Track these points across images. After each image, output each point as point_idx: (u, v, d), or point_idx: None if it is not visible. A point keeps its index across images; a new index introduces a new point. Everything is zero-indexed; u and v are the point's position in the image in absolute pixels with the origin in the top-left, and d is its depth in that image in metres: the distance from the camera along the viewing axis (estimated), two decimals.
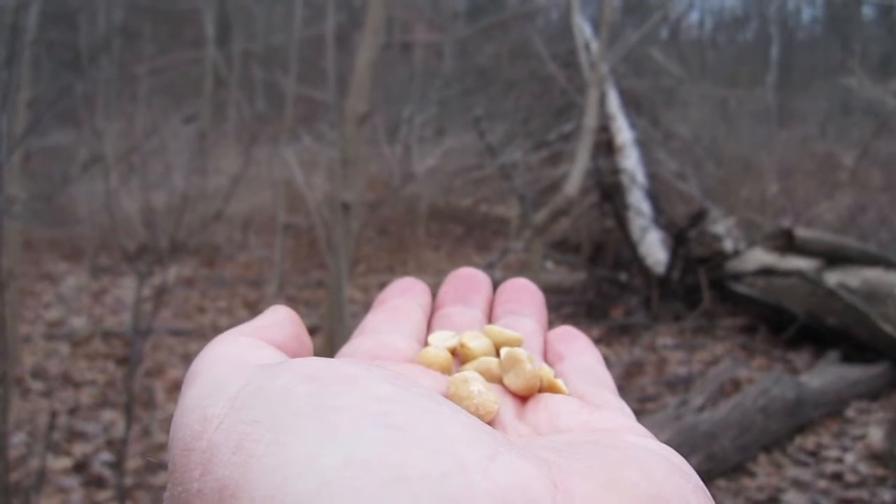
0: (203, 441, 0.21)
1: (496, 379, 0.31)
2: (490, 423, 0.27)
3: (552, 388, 0.30)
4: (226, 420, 0.21)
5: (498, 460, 0.19)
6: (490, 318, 0.38)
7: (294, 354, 0.28)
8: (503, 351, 0.31)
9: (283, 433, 0.19)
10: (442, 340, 0.34)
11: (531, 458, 0.20)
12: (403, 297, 0.37)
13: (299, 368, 0.22)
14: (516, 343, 0.34)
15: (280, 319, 0.30)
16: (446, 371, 0.31)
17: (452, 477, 0.18)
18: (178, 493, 0.20)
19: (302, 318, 0.30)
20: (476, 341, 0.33)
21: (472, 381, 0.28)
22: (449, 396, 0.27)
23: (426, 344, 0.35)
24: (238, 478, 0.19)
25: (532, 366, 0.30)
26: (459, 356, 0.33)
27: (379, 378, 0.22)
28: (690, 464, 0.24)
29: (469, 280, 0.39)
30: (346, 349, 0.33)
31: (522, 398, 0.30)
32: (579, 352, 0.35)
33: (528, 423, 0.28)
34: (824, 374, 2.86)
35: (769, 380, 2.59)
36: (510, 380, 0.30)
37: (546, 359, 0.35)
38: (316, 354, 0.34)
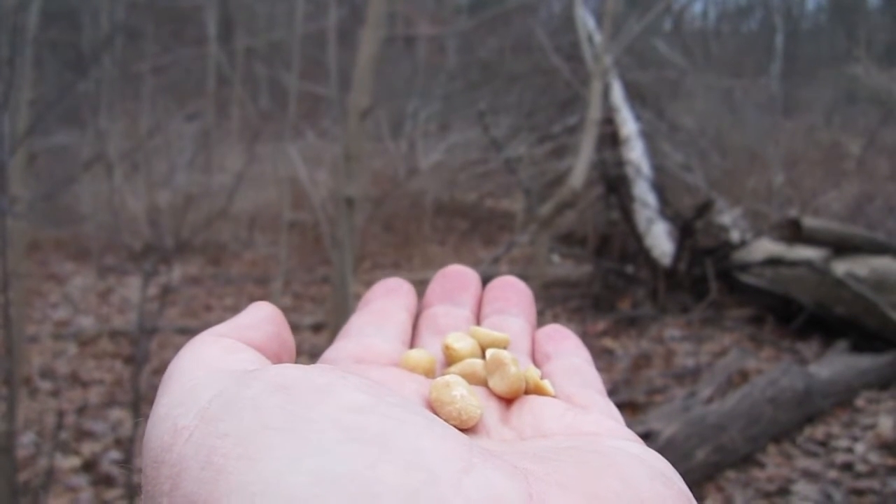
0: (173, 454, 0.20)
1: (481, 381, 0.30)
2: (473, 428, 0.26)
3: (538, 390, 0.30)
4: (196, 432, 0.20)
5: (472, 473, 0.19)
6: (478, 317, 0.38)
7: (275, 355, 0.28)
8: (488, 353, 0.31)
9: (253, 447, 0.19)
10: (456, 341, 0.33)
11: (506, 469, 0.20)
12: (388, 299, 0.36)
13: (272, 377, 0.22)
14: (503, 344, 0.33)
15: (260, 318, 0.29)
16: (430, 374, 0.31)
17: (424, 492, 0.18)
18: None
19: (308, 314, 0.30)
20: (461, 342, 0.32)
21: (454, 385, 0.27)
22: (431, 401, 0.27)
23: (411, 346, 0.34)
24: (206, 495, 0.18)
25: (516, 368, 0.29)
26: (445, 357, 0.33)
27: (353, 387, 0.21)
28: (699, 455, 0.23)
29: (457, 278, 0.39)
30: (330, 353, 0.32)
31: (507, 401, 0.29)
32: (568, 352, 0.34)
33: (513, 427, 0.28)
34: (833, 364, 2.85)
35: (778, 370, 2.58)
36: (495, 382, 0.30)
37: (534, 359, 0.35)
38: (322, 350, 0.34)
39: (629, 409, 2.69)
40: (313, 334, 3.57)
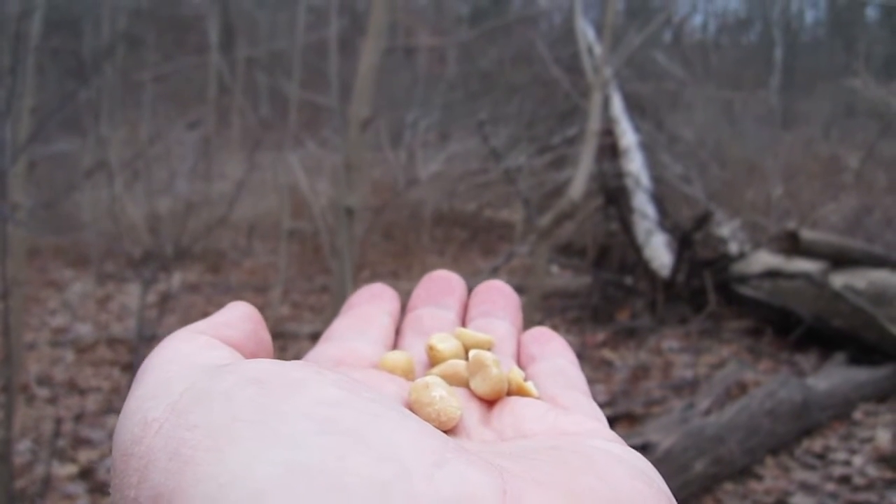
0: (142, 446, 0.20)
1: (464, 383, 0.30)
2: (453, 429, 0.26)
3: (521, 392, 0.30)
4: (165, 424, 0.20)
5: (445, 468, 0.19)
6: (464, 321, 0.37)
7: (252, 353, 0.27)
8: (470, 354, 0.31)
9: (223, 439, 0.19)
10: (440, 341, 0.33)
11: (481, 464, 0.20)
12: (371, 304, 0.37)
13: (245, 371, 0.21)
14: (486, 345, 0.33)
15: (238, 316, 0.29)
16: (408, 375, 0.31)
17: (395, 485, 0.18)
18: (116, 501, 0.20)
19: (307, 323, 0.30)
20: (445, 343, 0.32)
21: (433, 386, 0.27)
22: (411, 402, 0.27)
23: (395, 347, 0.34)
24: (173, 486, 0.18)
25: (498, 370, 0.29)
26: (428, 358, 0.33)
27: (328, 382, 0.21)
28: (697, 467, 0.23)
29: (442, 282, 0.39)
30: (311, 356, 0.32)
31: (489, 402, 0.29)
32: (553, 354, 0.34)
33: (493, 428, 0.27)
34: (831, 377, 2.85)
35: (776, 382, 2.58)
36: (476, 384, 0.30)
37: (519, 361, 0.34)
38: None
39: (627, 420, 2.68)
40: (312, 343, 3.56)
